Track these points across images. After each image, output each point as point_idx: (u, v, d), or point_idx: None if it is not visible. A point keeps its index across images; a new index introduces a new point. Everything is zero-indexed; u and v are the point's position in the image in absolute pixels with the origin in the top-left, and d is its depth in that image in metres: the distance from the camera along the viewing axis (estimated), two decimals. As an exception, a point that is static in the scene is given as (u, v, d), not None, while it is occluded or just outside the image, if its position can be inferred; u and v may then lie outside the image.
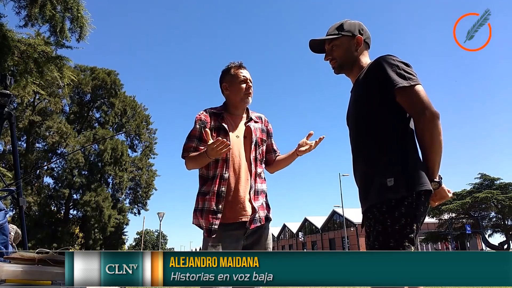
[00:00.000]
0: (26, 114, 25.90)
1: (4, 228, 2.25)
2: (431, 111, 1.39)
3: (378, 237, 1.37)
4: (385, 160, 1.44)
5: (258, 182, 1.98)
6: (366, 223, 1.49)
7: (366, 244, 1.53)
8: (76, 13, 5.61)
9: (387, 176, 1.40)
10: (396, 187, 1.37)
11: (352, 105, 1.65)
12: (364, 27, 1.71)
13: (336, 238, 51.49)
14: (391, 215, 1.36)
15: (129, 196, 34.63)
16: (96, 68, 32.78)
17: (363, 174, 1.54)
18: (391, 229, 1.34)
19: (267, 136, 2.13)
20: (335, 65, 1.71)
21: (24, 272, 1.41)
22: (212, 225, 1.82)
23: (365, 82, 1.55)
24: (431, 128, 1.39)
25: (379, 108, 1.49)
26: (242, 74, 2.03)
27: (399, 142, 1.46)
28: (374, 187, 1.44)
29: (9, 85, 3.16)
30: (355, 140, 1.61)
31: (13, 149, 3.39)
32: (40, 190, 29.23)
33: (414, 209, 1.36)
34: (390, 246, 1.33)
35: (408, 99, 1.43)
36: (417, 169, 1.42)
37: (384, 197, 1.39)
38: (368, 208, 1.46)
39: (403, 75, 1.44)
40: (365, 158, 1.53)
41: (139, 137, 35.01)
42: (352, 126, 1.64)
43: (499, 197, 32.76)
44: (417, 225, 1.37)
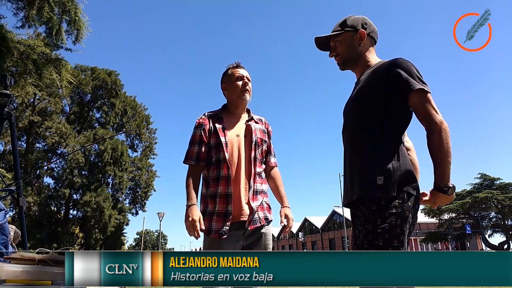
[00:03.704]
0: (26, 114, 25.89)
1: (4, 228, 2.25)
2: (441, 119, 1.41)
3: (367, 236, 1.37)
4: (377, 157, 1.44)
5: (257, 182, 1.98)
6: (356, 221, 1.49)
7: (353, 244, 1.53)
8: (74, 16, 5.62)
9: (377, 173, 1.40)
10: (386, 186, 1.38)
11: (353, 98, 1.64)
12: (368, 21, 1.68)
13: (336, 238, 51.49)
14: (380, 214, 1.36)
15: (129, 196, 34.66)
16: (97, 68, 32.81)
17: (352, 166, 1.54)
18: (381, 229, 1.34)
19: (268, 137, 2.14)
20: (339, 61, 1.70)
21: (24, 272, 1.41)
22: (224, 227, 1.83)
23: (373, 79, 1.53)
24: (447, 136, 1.40)
25: (381, 106, 1.48)
26: (238, 72, 2.06)
27: (394, 141, 1.47)
28: (363, 181, 1.45)
29: (9, 85, 3.16)
30: (349, 132, 1.61)
31: (13, 149, 3.40)
32: (40, 190, 29.23)
33: (404, 210, 1.36)
34: (379, 245, 1.33)
35: (424, 104, 1.43)
36: (406, 170, 1.43)
37: (373, 195, 1.39)
38: (355, 202, 1.47)
39: (420, 79, 1.46)
40: (355, 152, 1.54)
41: (139, 137, 35.03)
42: (348, 118, 1.64)
43: (499, 197, 32.77)
44: (407, 226, 1.36)
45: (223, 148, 1.92)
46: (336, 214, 49.73)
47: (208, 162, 1.97)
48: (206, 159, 1.97)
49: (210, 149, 1.96)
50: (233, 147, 1.95)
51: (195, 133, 2.00)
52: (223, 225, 1.83)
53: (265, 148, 2.10)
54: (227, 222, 1.83)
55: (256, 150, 2.01)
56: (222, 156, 1.91)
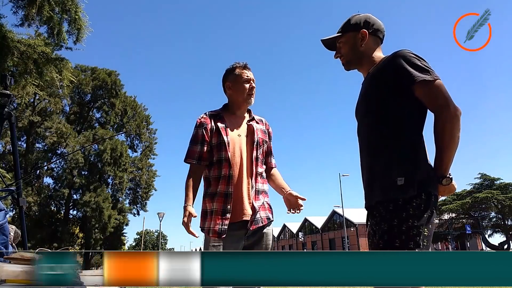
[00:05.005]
0: (26, 114, 25.88)
1: (4, 228, 2.25)
2: (454, 106, 1.35)
3: (383, 236, 1.34)
4: (395, 157, 1.40)
5: (259, 181, 1.98)
6: (371, 221, 1.45)
7: (370, 243, 1.48)
8: (74, 15, 5.62)
9: (397, 174, 1.36)
10: (406, 187, 1.33)
11: (362, 98, 1.61)
12: (371, 19, 1.65)
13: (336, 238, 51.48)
14: (398, 214, 1.32)
15: (129, 196, 34.66)
16: (97, 68, 32.81)
17: (370, 168, 1.49)
18: (397, 229, 1.31)
19: (268, 138, 2.14)
20: (343, 62, 1.69)
21: (24, 272, 1.41)
22: (222, 226, 1.82)
23: (379, 76, 1.50)
24: (453, 124, 1.34)
25: (391, 102, 1.44)
26: (246, 74, 2.03)
27: (410, 139, 1.42)
28: (382, 183, 1.40)
29: (9, 85, 3.16)
30: (363, 134, 1.57)
31: (13, 149, 3.39)
32: (40, 190, 29.22)
33: (422, 211, 1.32)
34: (395, 246, 1.30)
35: (429, 93, 1.38)
36: (427, 170, 1.39)
37: (391, 196, 1.35)
38: (374, 205, 1.43)
39: (423, 68, 1.40)
40: (373, 153, 1.48)
41: (139, 137, 35.03)
42: (360, 119, 1.60)
43: (499, 197, 32.78)
44: (424, 228, 1.32)
45: (225, 148, 1.91)
46: (336, 214, 49.74)
47: (209, 162, 1.96)
48: (208, 159, 1.96)
49: (212, 148, 1.95)
50: (235, 147, 1.94)
51: (196, 132, 1.98)
52: (222, 224, 1.82)
53: (266, 148, 2.10)
54: (226, 221, 1.82)
55: (258, 150, 2.00)
56: (224, 156, 1.91)
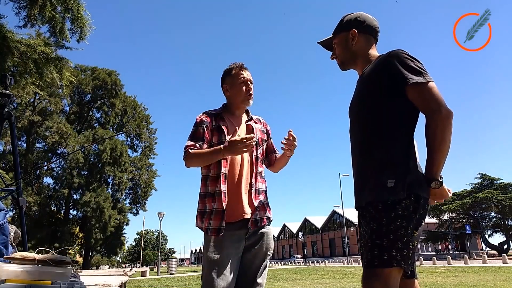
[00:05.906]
0: (26, 114, 25.89)
1: (4, 228, 2.24)
2: (446, 108, 1.34)
3: (372, 235, 1.34)
4: (386, 159, 1.40)
5: (258, 181, 1.98)
6: (362, 221, 1.45)
7: (361, 244, 1.48)
8: (77, 14, 5.59)
9: (388, 176, 1.36)
10: (396, 189, 1.34)
11: (356, 97, 1.61)
12: (362, 17, 1.65)
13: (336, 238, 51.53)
14: (387, 214, 1.32)
15: (129, 196, 34.67)
16: (97, 68, 32.84)
17: (361, 169, 1.50)
18: (386, 228, 1.31)
19: (267, 136, 2.14)
20: (338, 62, 1.71)
21: (24, 272, 1.41)
22: (222, 225, 1.81)
23: (373, 75, 1.50)
24: (444, 127, 1.33)
25: (384, 103, 1.44)
26: (243, 75, 2.02)
27: (401, 141, 1.42)
28: (372, 184, 1.41)
29: (9, 85, 3.16)
30: (355, 133, 1.58)
31: (13, 149, 3.38)
32: (40, 190, 29.23)
33: (411, 212, 1.32)
34: (383, 246, 1.30)
35: (421, 95, 1.37)
36: (418, 172, 1.39)
37: (381, 197, 1.35)
38: (364, 206, 1.43)
39: (416, 70, 1.39)
40: (365, 154, 1.49)
41: (139, 137, 35.05)
42: (353, 118, 1.61)
43: (499, 197, 32.82)
44: (413, 229, 1.32)
45: None
46: (336, 214, 49.79)
47: None
48: None
49: (211, 147, 1.94)
50: None
51: (197, 129, 1.96)
52: (221, 223, 1.82)
53: (265, 147, 2.10)
54: (224, 220, 1.82)
55: (258, 150, 2.01)
56: None
